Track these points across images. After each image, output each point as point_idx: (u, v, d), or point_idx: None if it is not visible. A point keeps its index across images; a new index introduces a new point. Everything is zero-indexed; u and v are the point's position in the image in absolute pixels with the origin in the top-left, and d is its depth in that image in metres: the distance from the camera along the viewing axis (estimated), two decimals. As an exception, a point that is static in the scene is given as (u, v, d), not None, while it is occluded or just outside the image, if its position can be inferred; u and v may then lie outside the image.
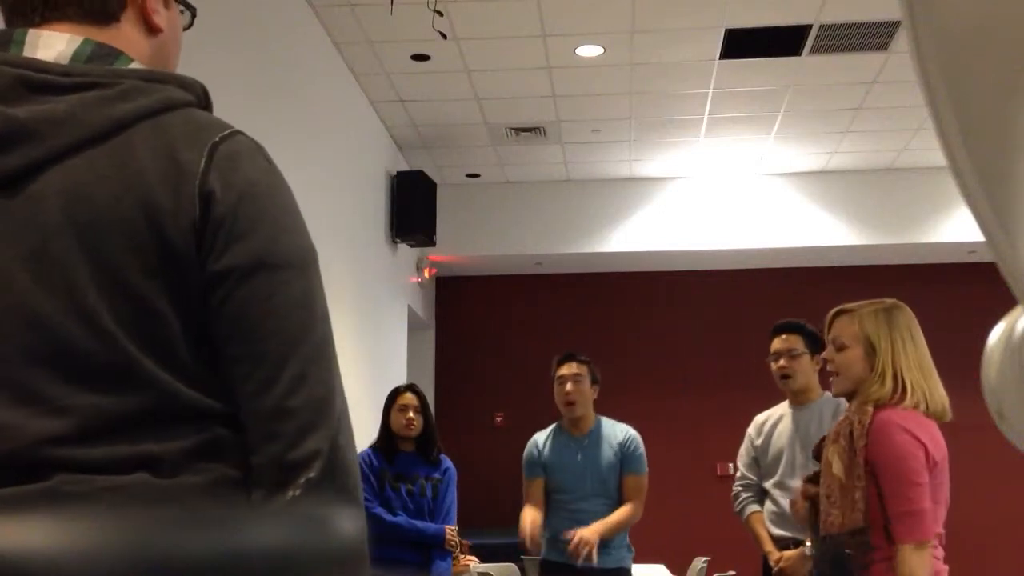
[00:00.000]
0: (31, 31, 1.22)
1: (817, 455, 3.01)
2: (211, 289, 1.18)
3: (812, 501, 2.88)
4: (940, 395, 2.74)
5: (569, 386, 4.47)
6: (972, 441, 4.99)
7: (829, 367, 2.86)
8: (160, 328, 1.17)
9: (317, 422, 1.19)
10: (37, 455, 1.11)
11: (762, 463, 4.15)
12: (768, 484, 4.10)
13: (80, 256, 1.15)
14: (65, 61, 1.21)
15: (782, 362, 4.10)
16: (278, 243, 1.21)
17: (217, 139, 1.20)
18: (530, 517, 4.45)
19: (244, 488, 1.20)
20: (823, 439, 2.95)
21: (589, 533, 4.26)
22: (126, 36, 1.27)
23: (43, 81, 1.18)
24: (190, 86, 1.26)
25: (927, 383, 2.73)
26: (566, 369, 4.52)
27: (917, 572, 2.57)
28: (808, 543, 3.78)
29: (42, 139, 1.16)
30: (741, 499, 4.20)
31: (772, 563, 3.92)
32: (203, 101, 1.28)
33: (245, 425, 1.20)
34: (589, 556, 4.22)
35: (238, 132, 1.24)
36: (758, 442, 4.18)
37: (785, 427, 4.11)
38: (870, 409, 2.69)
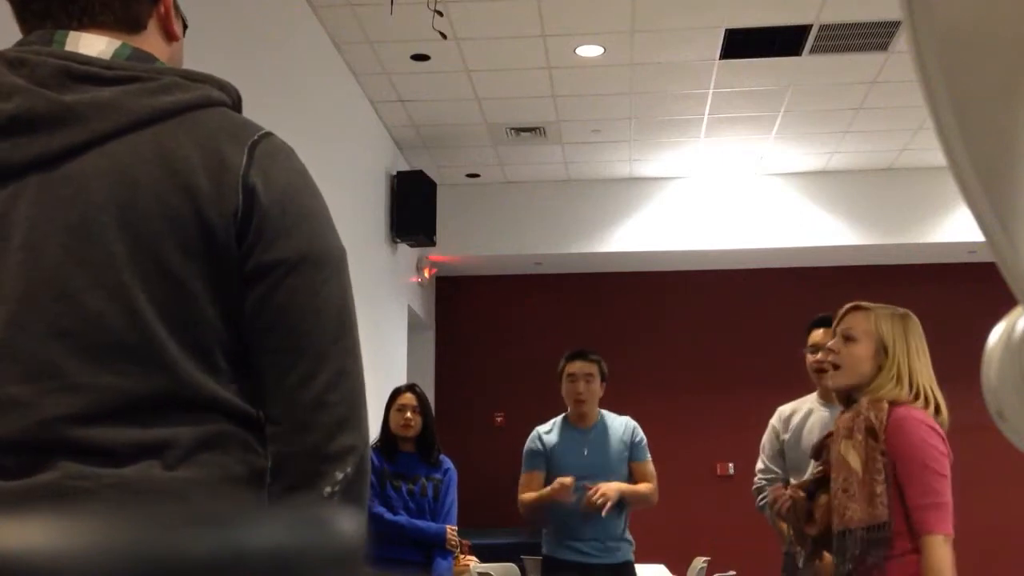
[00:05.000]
0: (71, 32, 1.26)
1: (816, 455, 3.00)
2: (254, 281, 1.21)
3: (794, 503, 2.85)
4: (943, 405, 2.74)
5: (581, 385, 4.52)
6: (972, 441, 4.98)
7: (832, 358, 2.82)
8: (192, 312, 1.19)
9: (353, 418, 1.23)
10: (46, 434, 1.12)
11: (790, 457, 4.03)
12: (797, 481, 3.98)
13: (119, 234, 1.17)
14: (106, 58, 1.24)
15: (820, 355, 3.83)
16: (319, 241, 1.25)
17: (256, 137, 1.24)
18: (533, 492, 4.50)
19: (249, 484, 1.21)
20: (825, 437, 2.93)
21: (609, 488, 4.31)
22: (152, 42, 1.31)
23: (86, 72, 1.21)
24: (226, 88, 1.31)
25: (937, 393, 2.73)
26: (578, 367, 4.56)
27: (944, 565, 2.53)
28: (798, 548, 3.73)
29: (87, 122, 1.19)
30: (765, 493, 4.02)
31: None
32: (236, 103, 1.32)
33: (276, 415, 1.22)
34: (603, 506, 4.27)
35: (272, 133, 1.28)
36: (785, 436, 4.06)
37: (816, 422, 3.97)
38: (886, 406, 2.67)
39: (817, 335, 4.01)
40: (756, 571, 4.27)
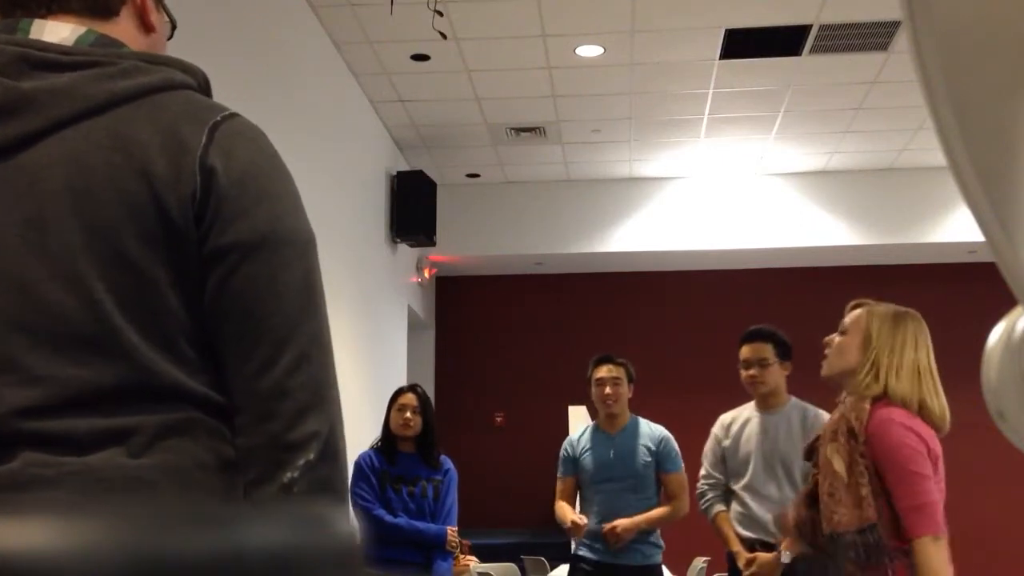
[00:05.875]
0: (36, 20, 1.24)
1: (808, 456, 3.00)
2: (212, 265, 1.17)
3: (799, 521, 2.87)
4: (937, 405, 2.72)
5: (609, 389, 4.64)
6: (972, 441, 4.98)
7: (827, 350, 2.87)
8: (153, 300, 1.16)
9: (316, 404, 1.18)
10: (5, 427, 1.10)
11: (729, 464, 4.22)
12: (737, 486, 4.16)
13: (76, 223, 1.14)
14: (69, 44, 1.22)
15: (752, 371, 4.17)
16: (281, 222, 1.21)
17: (218, 118, 1.21)
18: (566, 507, 4.63)
19: (217, 472, 1.18)
20: (816, 439, 2.93)
21: (625, 525, 4.41)
22: (124, 30, 1.29)
23: (44, 59, 1.19)
24: (191, 71, 1.27)
25: (918, 390, 2.71)
26: (605, 372, 4.67)
27: (938, 565, 2.53)
28: (784, 549, 3.81)
29: (42, 109, 1.16)
30: (707, 498, 4.26)
31: (741, 564, 3.97)
32: (204, 86, 1.29)
33: (239, 405, 1.19)
34: (618, 542, 4.39)
35: (239, 115, 1.24)
36: (726, 443, 4.25)
37: (753, 431, 4.17)
38: (867, 406, 2.68)
39: (744, 351, 4.21)
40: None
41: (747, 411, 4.27)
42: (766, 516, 4.02)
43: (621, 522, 4.43)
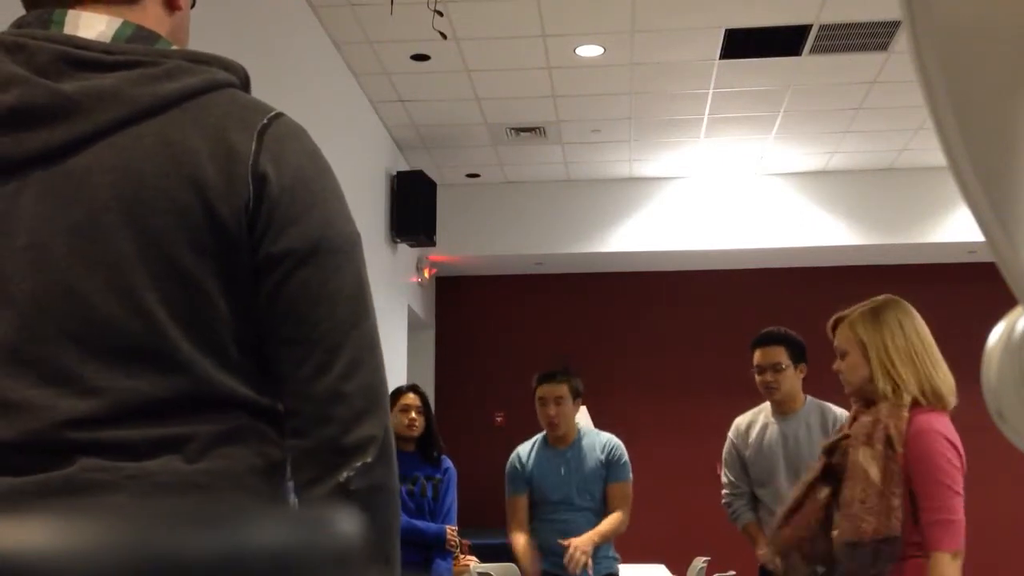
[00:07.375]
0: (70, 11, 1.21)
1: (829, 453, 2.98)
2: (265, 271, 1.18)
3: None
4: (939, 382, 2.73)
5: (552, 410, 4.44)
6: (972, 441, 4.98)
7: (840, 376, 2.88)
8: (205, 309, 1.15)
9: (371, 408, 1.20)
10: (61, 437, 1.10)
11: (753, 472, 4.13)
12: (766, 497, 4.08)
13: (126, 233, 1.13)
14: (106, 41, 1.19)
15: (767, 376, 4.08)
16: (332, 227, 1.22)
17: (265, 121, 1.20)
18: (521, 543, 4.43)
19: (268, 476, 1.19)
20: (842, 439, 2.91)
21: (582, 543, 4.26)
22: (152, 14, 1.26)
23: (85, 58, 1.16)
24: (233, 68, 1.26)
25: (923, 372, 2.72)
26: (547, 391, 4.47)
27: None
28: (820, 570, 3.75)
29: (88, 113, 1.14)
30: (735, 507, 4.18)
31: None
32: (244, 83, 1.27)
33: (292, 408, 1.19)
34: (585, 566, 4.24)
35: (283, 114, 1.24)
36: (746, 452, 4.15)
37: (773, 438, 4.09)
38: (906, 414, 2.67)
39: (757, 356, 4.15)
40: (755, 571, 4.27)
41: (763, 416, 4.18)
42: None
43: (575, 542, 4.24)
